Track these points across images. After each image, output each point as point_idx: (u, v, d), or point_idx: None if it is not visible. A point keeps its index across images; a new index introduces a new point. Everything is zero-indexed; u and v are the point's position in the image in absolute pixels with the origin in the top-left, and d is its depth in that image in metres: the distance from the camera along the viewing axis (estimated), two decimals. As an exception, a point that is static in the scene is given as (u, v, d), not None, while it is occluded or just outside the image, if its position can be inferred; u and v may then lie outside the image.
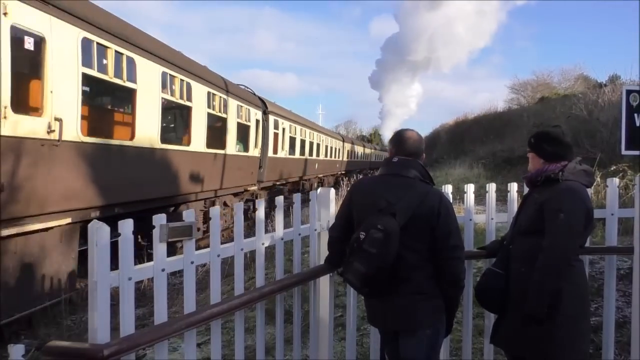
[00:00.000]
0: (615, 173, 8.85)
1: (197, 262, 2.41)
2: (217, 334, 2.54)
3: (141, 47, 6.96)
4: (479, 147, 26.46)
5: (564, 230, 2.49)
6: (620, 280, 4.44)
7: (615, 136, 11.49)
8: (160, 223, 2.19)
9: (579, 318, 2.59)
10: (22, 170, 4.87)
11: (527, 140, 2.85)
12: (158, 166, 7.76)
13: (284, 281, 2.87)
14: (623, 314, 4.26)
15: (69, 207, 5.66)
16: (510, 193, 3.48)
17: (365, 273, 2.38)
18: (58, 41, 5.26)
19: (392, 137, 2.75)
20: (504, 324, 2.76)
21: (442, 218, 2.44)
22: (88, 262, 1.97)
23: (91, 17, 5.85)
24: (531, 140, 2.79)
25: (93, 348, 1.89)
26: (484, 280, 2.83)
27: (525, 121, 23.04)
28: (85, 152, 5.88)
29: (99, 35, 5.98)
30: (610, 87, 16.78)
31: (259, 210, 2.81)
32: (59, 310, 5.57)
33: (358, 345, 3.75)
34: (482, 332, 3.64)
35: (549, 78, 35.89)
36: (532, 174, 2.75)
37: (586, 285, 2.78)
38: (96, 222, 1.97)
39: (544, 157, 2.71)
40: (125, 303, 2.08)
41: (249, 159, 12.65)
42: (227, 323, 3.97)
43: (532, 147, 2.77)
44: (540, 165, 2.71)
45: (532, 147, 2.77)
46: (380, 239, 2.33)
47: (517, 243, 2.74)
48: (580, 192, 2.60)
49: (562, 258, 2.49)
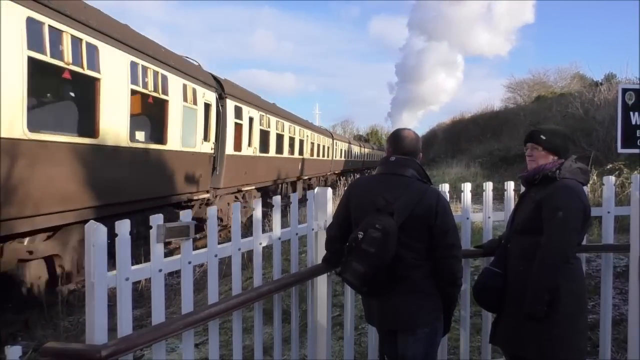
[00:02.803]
0: (611, 171, 8.89)
1: (195, 263, 2.41)
2: (215, 334, 2.54)
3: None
4: (475, 146, 26.53)
5: (562, 228, 2.50)
6: (616, 278, 4.46)
7: (611, 134, 11.55)
8: (158, 223, 2.18)
9: (577, 316, 2.60)
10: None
11: (533, 138, 2.74)
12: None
13: (282, 281, 2.86)
14: (620, 312, 4.28)
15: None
16: (507, 192, 3.48)
17: (364, 272, 2.38)
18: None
19: (390, 136, 2.75)
20: (502, 322, 2.76)
21: (440, 217, 2.45)
22: (85, 263, 1.97)
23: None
24: (542, 137, 2.70)
25: (90, 349, 1.89)
26: (482, 279, 2.82)
27: (521, 120, 23.13)
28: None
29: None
30: (606, 86, 16.84)
31: (256, 210, 2.81)
32: (55, 311, 5.56)
33: (356, 345, 3.75)
34: (479, 330, 3.65)
35: (545, 77, 36.03)
36: (529, 172, 2.74)
37: (584, 283, 2.78)
38: (93, 222, 1.96)
39: (556, 154, 2.69)
40: (122, 304, 2.07)
41: (195, 157, 9.45)
42: (225, 323, 3.97)
43: (545, 144, 2.69)
44: (550, 161, 2.68)
45: (545, 143, 2.69)
46: (378, 238, 2.33)
47: (515, 241, 2.74)
48: (578, 189, 2.60)
49: (560, 256, 2.49)
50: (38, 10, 5.08)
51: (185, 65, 9.10)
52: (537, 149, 2.71)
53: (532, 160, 2.73)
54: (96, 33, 6.09)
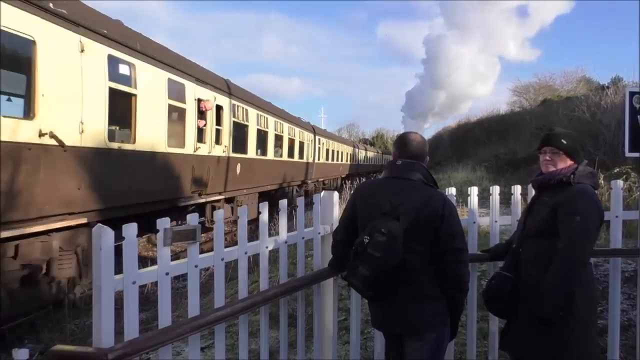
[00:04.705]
0: (618, 175, 8.85)
1: (202, 266, 2.41)
2: (221, 337, 2.54)
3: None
4: (481, 150, 26.46)
5: (580, 233, 2.48)
6: (624, 283, 4.42)
7: (618, 138, 11.50)
8: (165, 227, 2.19)
9: (589, 321, 2.58)
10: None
11: (554, 142, 2.70)
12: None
13: (288, 285, 2.86)
14: (628, 317, 4.24)
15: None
16: (514, 196, 3.47)
17: (369, 276, 2.38)
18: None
19: (396, 140, 2.75)
20: (513, 328, 2.73)
21: (446, 221, 2.43)
22: (92, 266, 1.98)
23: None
24: (563, 142, 2.68)
25: (98, 352, 1.90)
26: (493, 284, 2.78)
27: (527, 124, 23.04)
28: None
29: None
30: (613, 89, 16.75)
31: (263, 213, 2.81)
32: (62, 314, 5.58)
33: (362, 349, 3.74)
34: (486, 335, 3.62)
35: (551, 80, 35.97)
36: (544, 176, 2.71)
37: (595, 287, 2.76)
38: (100, 226, 1.97)
39: (574, 158, 2.67)
40: (129, 307, 2.08)
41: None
42: (231, 327, 3.97)
43: (566, 148, 2.67)
44: (568, 165, 2.67)
45: (566, 148, 2.67)
46: (384, 242, 2.33)
47: (527, 246, 2.71)
48: (593, 194, 2.59)
49: (578, 261, 2.48)
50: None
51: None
52: (558, 153, 2.67)
53: (551, 164, 2.69)
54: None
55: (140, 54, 7.38)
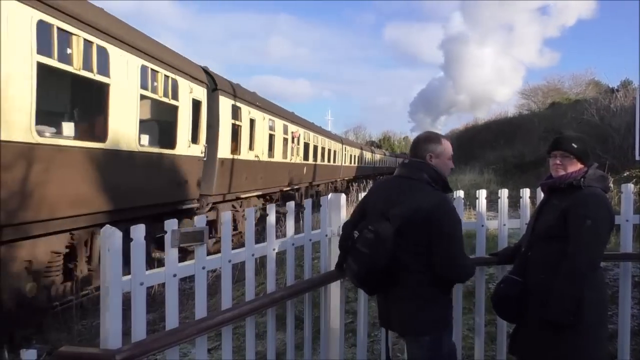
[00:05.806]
0: (628, 179, 8.77)
1: (209, 268, 2.41)
2: (228, 339, 2.54)
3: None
4: (489, 153, 26.35)
5: (591, 237, 2.45)
6: (635, 288, 4.37)
7: (627, 142, 11.40)
8: (172, 228, 2.19)
9: (599, 325, 2.55)
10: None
11: (564, 145, 2.68)
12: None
13: (295, 287, 2.86)
14: (638, 322, 4.20)
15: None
16: (522, 199, 3.44)
17: (358, 272, 2.41)
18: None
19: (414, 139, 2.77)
20: (522, 332, 2.71)
21: (440, 223, 2.38)
22: (100, 268, 1.98)
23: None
24: (574, 145, 2.65)
25: (105, 353, 1.90)
26: (501, 287, 2.75)
27: (536, 126, 22.94)
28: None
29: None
30: (622, 92, 16.65)
31: (270, 215, 2.81)
32: (70, 315, 5.60)
33: (368, 352, 3.72)
34: (494, 339, 3.60)
35: (559, 83, 35.85)
36: (555, 179, 2.69)
37: (606, 292, 2.73)
38: (108, 227, 1.97)
39: (584, 162, 2.65)
40: (136, 308, 2.08)
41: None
42: (238, 329, 3.97)
43: (576, 152, 2.64)
44: (578, 169, 2.64)
45: (576, 152, 2.64)
46: (371, 239, 2.35)
47: (537, 249, 2.69)
48: (604, 198, 2.56)
49: (589, 264, 2.45)
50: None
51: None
52: (569, 157, 2.64)
53: (562, 167, 2.66)
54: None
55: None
